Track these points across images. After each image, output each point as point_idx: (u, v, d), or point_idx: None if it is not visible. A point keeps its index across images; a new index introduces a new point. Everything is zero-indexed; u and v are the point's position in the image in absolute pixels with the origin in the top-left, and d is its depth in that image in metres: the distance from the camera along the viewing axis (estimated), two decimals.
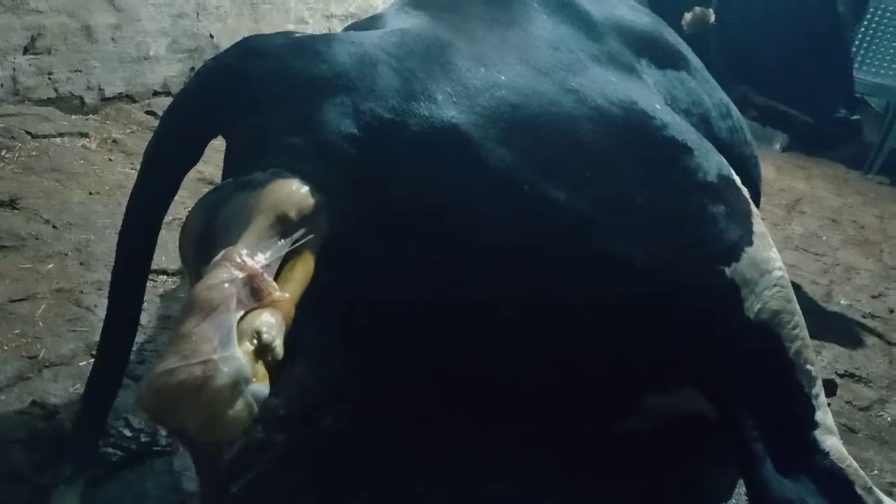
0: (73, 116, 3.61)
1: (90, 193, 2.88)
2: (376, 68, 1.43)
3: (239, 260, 1.06)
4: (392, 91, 1.40)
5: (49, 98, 3.58)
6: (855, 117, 3.01)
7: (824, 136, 3.17)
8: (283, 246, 1.14)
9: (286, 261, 1.17)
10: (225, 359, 0.95)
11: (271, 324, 1.03)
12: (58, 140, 3.30)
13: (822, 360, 2.63)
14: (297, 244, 1.17)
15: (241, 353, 0.97)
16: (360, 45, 1.48)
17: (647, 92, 1.72)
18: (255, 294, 1.04)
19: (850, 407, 2.37)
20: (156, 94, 4.06)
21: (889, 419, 2.33)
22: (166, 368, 0.94)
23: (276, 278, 1.12)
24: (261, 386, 0.99)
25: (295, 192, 1.20)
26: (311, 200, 1.21)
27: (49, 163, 3.07)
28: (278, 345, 1.03)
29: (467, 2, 1.78)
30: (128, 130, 3.64)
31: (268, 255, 1.11)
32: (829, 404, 1.62)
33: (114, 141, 3.46)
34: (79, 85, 3.69)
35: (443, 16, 1.71)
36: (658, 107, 1.63)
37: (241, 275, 1.04)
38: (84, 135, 3.42)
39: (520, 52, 1.60)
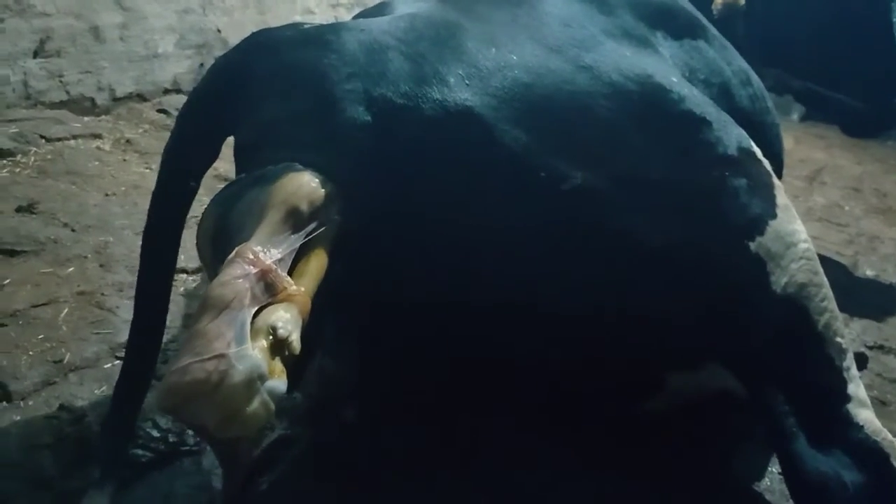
0: (86, 118, 3.61)
1: (106, 195, 2.87)
2: (386, 54, 1.41)
3: (252, 256, 1.04)
4: (403, 76, 1.38)
5: (61, 101, 3.58)
6: None
7: (877, 122, 3.06)
8: (297, 239, 1.13)
9: (301, 254, 1.15)
10: (239, 355, 0.94)
11: (287, 319, 1.02)
12: (72, 142, 3.30)
13: (850, 332, 2.58)
14: (311, 237, 1.16)
15: (255, 350, 0.96)
16: (369, 33, 1.46)
17: (663, 65, 1.68)
18: (269, 289, 1.03)
19: (880, 379, 2.33)
20: (166, 91, 4.06)
21: None
22: (180, 366, 0.93)
23: (290, 272, 1.11)
24: (277, 382, 0.98)
25: (306, 185, 1.19)
26: (321, 192, 1.20)
27: (64, 165, 3.08)
28: (294, 340, 1.02)
29: None
30: (140, 130, 3.64)
31: (281, 249, 1.10)
32: (860, 377, 1.58)
33: (127, 141, 3.46)
34: (89, 86, 3.69)
35: None
36: (675, 80, 1.59)
37: (254, 270, 1.03)
38: (97, 136, 3.43)
39: (531, 30, 1.58)
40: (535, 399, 1.67)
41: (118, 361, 1.87)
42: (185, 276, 2.36)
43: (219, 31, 4.30)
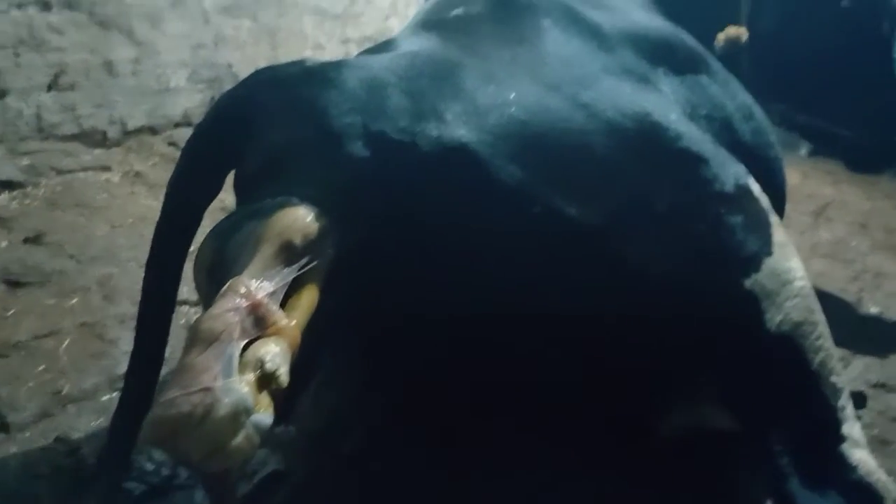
0: (97, 150, 3.64)
1: (113, 227, 2.91)
2: (386, 91, 1.43)
3: (243, 289, 1.06)
4: (402, 112, 1.40)
5: (73, 134, 3.61)
6: None
7: (881, 157, 3.07)
8: (289, 273, 1.14)
9: (294, 287, 1.16)
10: (225, 389, 0.94)
11: (275, 352, 1.02)
12: (81, 175, 3.35)
13: (852, 370, 2.56)
14: (304, 270, 1.17)
15: (242, 383, 0.97)
16: (369, 70, 1.49)
17: (661, 102, 1.70)
18: (259, 323, 1.04)
19: (882, 418, 2.30)
20: (177, 125, 4.09)
21: None
22: (166, 399, 0.93)
23: (283, 305, 1.12)
24: (263, 416, 0.98)
25: (300, 219, 1.20)
26: (315, 226, 1.21)
27: (73, 197, 3.12)
28: (283, 373, 1.02)
29: (477, 22, 1.78)
30: (150, 163, 3.67)
31: (273, 282, 1.11)
32: (859, 416, 1.58)
33: (136, 173, 3.50)
34: (101, 119, 3.73)
35: (453, 36, 1.71)
36: (673, 117, 1.61)
37: (245, 303, 1.04)
38: (107, 168, 3.47)
39: (530, 68, 1.60)
40: (531, 428, 1.66)
41: (116, 394, 1.88)
42: (186, 307, 2.38)
43: (230, 66, 4.35)
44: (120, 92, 3.79)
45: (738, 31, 2.80)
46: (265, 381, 1.00)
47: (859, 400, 2.07)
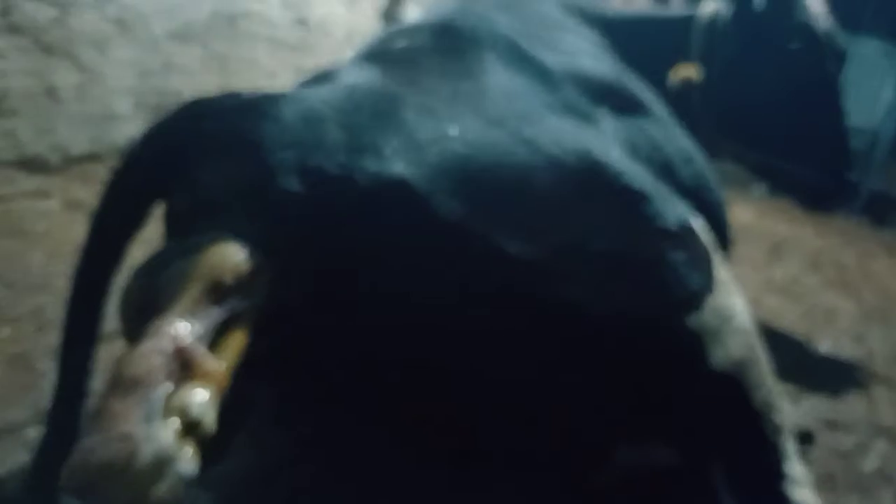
0: (37, 177, 3.55)
1: (51, 256, 2.83)
2: (323, 125, 1.41)
3: (169, 331, 1.01)
4: (339, 147, 1.37)
5: (12, 160, 3.52)
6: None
7: (831, 195, 3.14)
8: (219, 313, 1.10)
9: (224, 327, 1.12)
10: (147, 436, 0.90)
11: (202, 397, 0.98)
12: (20, 202, 3.26)
13: (802, 407, 2.59)
14: (235, 310, 1.13)
15: (166, 431, 0.93)
16: (307, 102, 1.46)
17: (603, 140, 1.71)
18: (185, 366, 1.00)
19: (831, 455, 2.32)
20: (122, 152, 4.02)
21: (870, 467, 2.29)
22: (84, 447, 0.89)
23: (212, 346, 1.08)
24: (187, 464, 0.94)
25: (231, 257, 1.16)
26: (247, 264, 1.18)
27: (10, 225, 3.03)
28: (209, 420, 0.98)
29: (421, 55, 1.78)
30: (93, 191, 3.54)
31: (202, 323, 1.07)
32: (806, 453, 1.58)
33: (78, 202, 3.41)
34: (43, 146, 3.64)
35: (395, 69, 1.70)
36: (615, 155, 1.61)
37: (170, 346, 0.99)
38: (47, 195, 3.38)
39: (472, 103, 1.59)
40: (475, 469, 1.64)
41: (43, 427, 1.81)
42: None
43: (179, 93, 4.29)
44: (63, 118, 3.71)
45: (691, 70, 2.85)
46: (190, 427, 0.96)
47: (808, 438, 2.09)
